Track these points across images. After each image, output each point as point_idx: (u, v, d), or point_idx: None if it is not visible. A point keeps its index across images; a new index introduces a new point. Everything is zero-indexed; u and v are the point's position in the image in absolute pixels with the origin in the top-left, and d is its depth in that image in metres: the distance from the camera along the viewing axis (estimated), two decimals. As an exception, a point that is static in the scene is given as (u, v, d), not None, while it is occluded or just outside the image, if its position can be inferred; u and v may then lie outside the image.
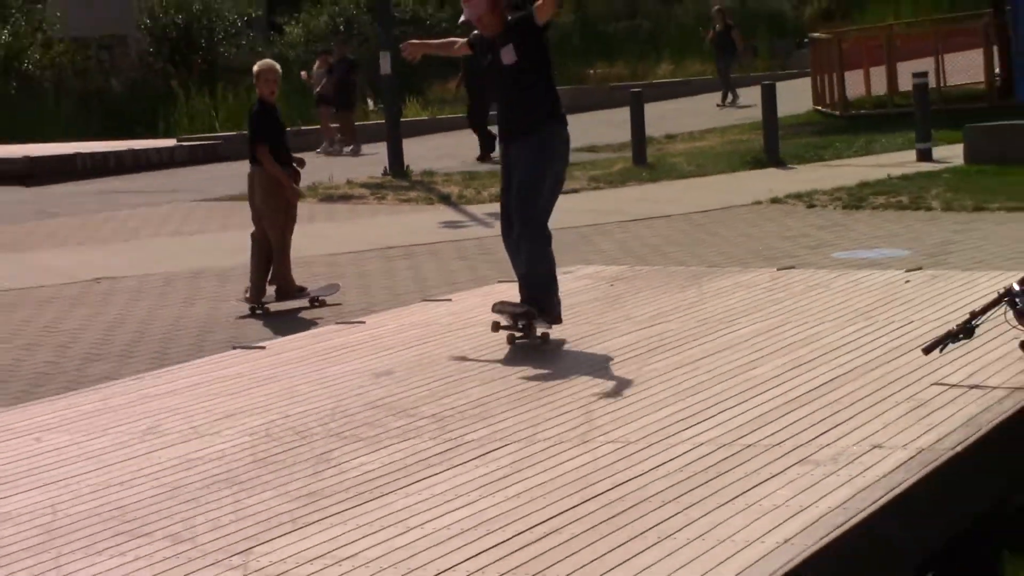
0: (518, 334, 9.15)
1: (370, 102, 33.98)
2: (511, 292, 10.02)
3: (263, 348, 9.91)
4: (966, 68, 30.21)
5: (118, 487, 6.58)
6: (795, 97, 30.39)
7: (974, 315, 7.65)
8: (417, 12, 44.08)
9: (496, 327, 9.16)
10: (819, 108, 31.21)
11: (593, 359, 8.61)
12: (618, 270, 12.28)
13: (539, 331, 9.13)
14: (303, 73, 33.93)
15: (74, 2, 43.39)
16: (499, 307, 9.22)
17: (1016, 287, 7.63)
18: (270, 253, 13.24)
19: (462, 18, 9.33)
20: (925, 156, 21.20)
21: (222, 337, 12.04)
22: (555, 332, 8.91)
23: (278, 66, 13.96)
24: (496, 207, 10.71)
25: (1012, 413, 6.87)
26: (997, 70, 28.30)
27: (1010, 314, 7.61)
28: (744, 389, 7.62)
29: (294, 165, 13.70)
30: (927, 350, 7.71)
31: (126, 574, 5.41)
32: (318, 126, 32.04)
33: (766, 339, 8.83)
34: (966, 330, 7.59)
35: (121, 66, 42.81)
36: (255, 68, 13.97)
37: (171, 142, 33.09)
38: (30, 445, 7.51)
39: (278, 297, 13.32)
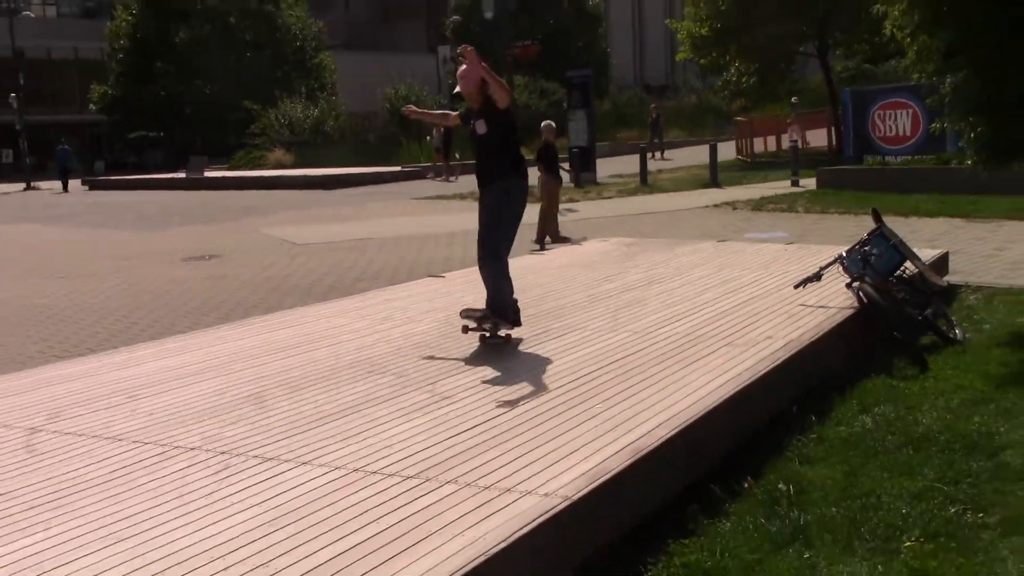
0: (488, 335, 6.58)
1: (456, 155, 32.55)
2: (569, 251, 9.84)
3: (443, 277, 9.87)
4: (817, 138, 29.93)
5: (368, 348, 6.59)
6: (727, 151, 30.04)
7: (822, 268, 7.49)
8: (520, 98, 43.52)
9: (465, 330, 6.62)
10: (740, 157, 30.68)
11: (616, 287, 8.51)
12: (631, 239, 12.12)
13: (503, 332, 6.58)
14: (428, 137, 34.16)
15: (350, 93, 46.03)
16: (465, 313, 6.69)
17: (843, 253, 7.49)
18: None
19: (456, 89, 6.61)
20: (795, 184, 20.85)
21: (419, 272, 12.04)
22: (590, 276, 8.73)
23: (553, 123, 14.49)
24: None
25: (840, 320, 6.73)
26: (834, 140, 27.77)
27: (840, 268, 7.47)
28: (698, 305, 7.48)
29: (559, 172, 14.47)
30: (796, 287, 7.56)
31: (370, 391, 5.41)
32: (433, 162, 32.28)
33: (710, 279, 8.67)
34: (817, 276, 7.43)
35: (374, 127, 43.19)
36: (543, 124, 14.43)
37: (398, 168, 33.39)
38: (324, 325, 7.55)
39: (552, 241, 13.86)
